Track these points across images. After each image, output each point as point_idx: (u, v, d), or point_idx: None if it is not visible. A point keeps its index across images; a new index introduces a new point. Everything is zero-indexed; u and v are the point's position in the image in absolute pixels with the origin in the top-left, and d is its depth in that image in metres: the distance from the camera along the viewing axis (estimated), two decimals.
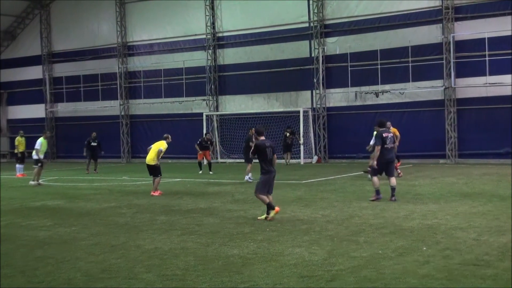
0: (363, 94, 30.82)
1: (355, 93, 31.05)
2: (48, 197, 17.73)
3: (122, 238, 10.46)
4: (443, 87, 28.81)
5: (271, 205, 12.08)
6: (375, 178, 14.84)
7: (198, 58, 35.37)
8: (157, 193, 17.39)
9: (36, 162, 22.59)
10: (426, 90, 29.31)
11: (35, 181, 22.11)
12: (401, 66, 29.71)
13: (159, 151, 17.74)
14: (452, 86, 28.47)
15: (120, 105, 38.24)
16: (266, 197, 12.15)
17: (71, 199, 17.12)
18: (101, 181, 23.23)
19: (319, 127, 32.01)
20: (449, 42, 28.32)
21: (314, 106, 32.23)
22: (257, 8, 33.52)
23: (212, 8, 34.94)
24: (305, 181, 20.77)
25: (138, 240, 10.22)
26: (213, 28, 34.98)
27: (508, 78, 27.14)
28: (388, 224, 11.14)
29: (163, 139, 18.10)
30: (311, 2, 31.90)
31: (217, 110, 35.21)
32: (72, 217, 13.31)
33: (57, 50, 41.01)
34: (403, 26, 29.78)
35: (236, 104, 34.71)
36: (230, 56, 34.87)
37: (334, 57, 31.62)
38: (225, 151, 34.32)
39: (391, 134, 15.17)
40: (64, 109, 40.80)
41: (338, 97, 31.77)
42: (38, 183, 22.07)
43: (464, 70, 28.31)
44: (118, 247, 9.67)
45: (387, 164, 14.85)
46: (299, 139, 31.27)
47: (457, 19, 28.58)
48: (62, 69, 40.68)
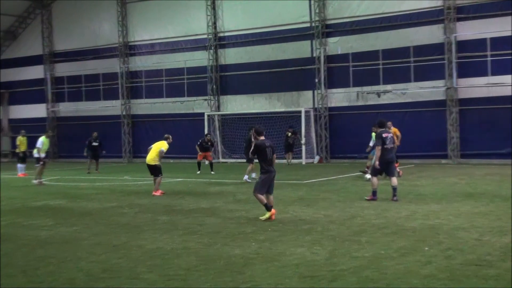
0: (365, 94, 30.80)
1: (357, 93, 31.04)
2: (50, 197, 17.74)
3: (124, 238, 10.45)
4: (445, 87, 28.79)
5: (268, 206, 12.06)
6: (375, 179, 14.85)
7: (200, 58, 35.36)
8: (159, 193, 17.39)
9: (38, 161, 22.62)
10: (428, 90, 29.28)
11: (37, 180, 22.13)
12: (403, 66, 29.67)
13: (161, 152, 17.73)
14: (454, 86, 28.44)
15: (122, 105, 38.23)
16: (264, 198, 12.12)
17: (73, 199, 17.12)
18: (103, 181, 23.23)
19: (321, 127, 32.00)
20: (451, 42, 28.30)
21: (316, 106, 32.22)
22: (259, 8, 33.50)
23: (214, 8, 34.93)
24: (307, 181, 20.75)
25: (140, 240, 10.21)
26: (215, 28, 34.97)
27: (510, 79, 27.07)
28: (390, 224, 11.12)
29: (164, 139, 18.12)
30: (313, 2, 31.87)
31: (219, 110, 35.20)
32: (74, 217, 13.32)
33: (59, 50, 41.02)
34: (405, 26, 29.73)
35: (238, 104, 34.70)
36: (232, 56, 34.86)
37: (336, 57, 31.59)
38: (227, 151, 34.31)
39: (391, 134, 15.17)
40: (66, 109, 40.84)
41: (340, 97, 31.74)
42: (41, 182, 22.07)
43: (466, 70, 28.27)
44: (120, 247, 9.66)
45: (387, 164, 14.86)
46: (301, 139, 31.25)
47: (459, 19, 28.53)
48: (64, 69, 40.72)
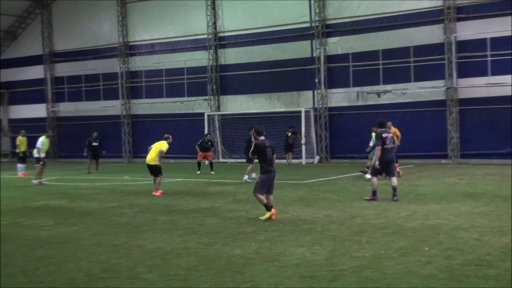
0: (365, 94, 30.80)
1: (357, 93, 31.04)
2: (50, 197, 17.73)
3: (124, 238, 10.45)
4: (445, 87, 28.78)
5: (268, 206, 12.05)
6: (375, 179, 14.86)
7: (200, 58, 35.36)
8: (159, 193, 17.39)
9: (38, 161, 22.62)
10: (428, 90, 29.27)
11: (37, 180, 22.12)
12: (403, 66, 29.67)
13: (161, 152, 17.72)
14: (454, 86, 28.43)
15: (122, 105, 38.23)
16: (264, 198, 12.11)
17: (73, 199, 17.12)
18: (103, 181, 23.23)
19: (321, 127, 32.00)
20: (451, 42, 28.29)
21: (316, 106, 32.22)
22: (258, 8, 33.49)
23: (214, 8, 34.93)
24: (307, 181, 20.75)
25: (140, 240, 10.21)
26: (215, 28, 34.96)
27: (510, 79, 27.05)
28: (390, 224, 11.12)
29: (164, 139, 18.11)
30: (312, 2, 31.86)
31: (219, 110, 35.20)
32: (74, 217, 13.31)
33: (59, 50, 41.02)
34: (405, 26, 29.72)
35: (238, 104, 34.69)
36: (232, 56, 34.86)
37: (336, 57, 31.59)
38: (227, 151, 34.30)
39: (391, 134, 15.20)
40: (66, 109, 40.84)
41: (340, 97, 31.74)
42: (41, 182, 22.07)
43: (466, 70, 28.27)
44: (120, 247, 9.66)
45: (387, 164, 14.87)
46: (301, 139, 31.24)
47: (459, 19, 28.53)
48: (64, 69, 40.73)
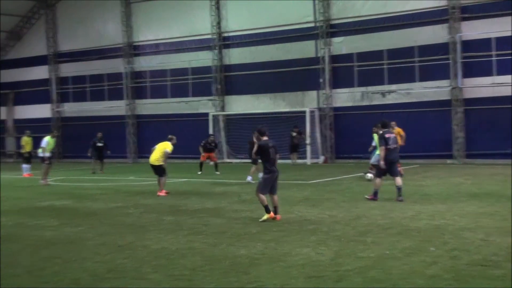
0: (370, 94, 30.76)
1: (362, 93, 31.02)
2: (55, 197, 17.75)
3: (129, 238, 10.45)
4: (450, 87, 28.72)
5: (267, 209, 12.00)
6: (378, 180, 14.85)
7: (204, 58, 35.36)
8: (163, 193, 17.39)
9: (43, 160, 22.65)
10: (433, 90, 29.21)
11: (44, 180, 22.13)
12: (408, 66, 29.63)
13: (166, 153, 17.69)
14: (459, 86, 28.37)
15: (126, 105, 38.28)
16: (265, 199, 12.02)
17: (78, 199, 17.14)
18: (108, 181, 23.25)
19: (326, 127, 31.97)
20: (456, 42, 28.23)
21: (321, 106, 32.18)
22: (263, 8, 33.47)
23: (218, 8, 34.92)
24: (312, 181, 20.74)
25: (145, 240, 10.21)
26: (219, 28, 34.97)
27: None
28: (396, 225, 11.11)
29: (168, 140, 18.07)
30: (317, 2, 31.81)
31: (223, 110, 35.19)
32: (79, 217, 13.33)
33: (63, 50, 41.08)
34: (409, 26, 29.67)
35: (242, 104, 34.67)
36: (236, 56, 34.85)
37: (340, 57, 31.57)
38: (232, 151, 34.29)
39: (394, 135, 15.24)
40: (70, 109, 40.91)
41: (345, 97, 31.70)
42: (47, 182, 22.07)
43: (471, 70, 28.21)
44: (125, 247, 9.67)
45: (391, 165, 14.88)
46: (306, 139, 31.21)
47: (464, 19, 28.46)
48: (68, 69, 40.81)
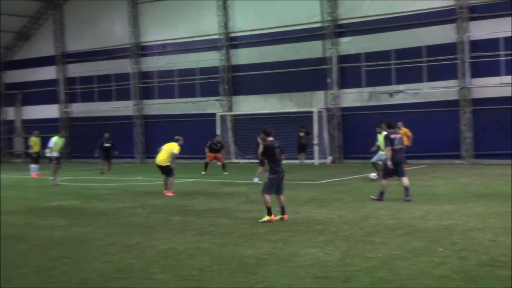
0: (377, 94, 30.68)
1: (369, 93, 30.95)
2: (63, 197, 17.81)
3: (137, 238, 10.48)
4: (458, 87, 28.60)
5: (270, 211, 11.94)
6: (385, 181, 14.84)
7: (212, 58, 35.37)
8: (170, 193, 17.40)
9: (50, 160, 22.74)
10: (441, 90, 29.10)
11: (53, 179, 22.20)
12: (415, 66, 29.53)
13: (173, 154, 17.66)
14: (467, 86, 28.27)
15: (134, 106, 38.35)
16: (270, 200, 11.98)
17: (86, 199, 17.20)
18: (116, 181, 23.30)
19: (334, 127, 31.91)
20: (464, 42, 28.12)
21: (328, 106, 32.14)
22: (270, 8, 33.44)
23: (225, 8, 34.92)
24: (320, 182, 20.71)
25: (153, 240, 10.23)
26: (226, 28, 34.97)
27: None
28: (404, 225, 11.08)
29: (175, 141, 18.05)
30: (324, 2, 31.76)
31: (231, 111, 35.19)
32: (87, 217, 13.37)
33: (71, 51, 41.16)
34: (417, 26, 29.56)
35: (250, 105, 34.64)
36: (244, 56, 34.84)
37: (348, 57, 31.52)
38: (239, 152, 34.29)
39: (399, 135, 15.23)
40: (78, 110, 41.02)
41: (352, 97, 31.63)
42: (56, 182, 22.11)
43: (479, 70, 28.10)
44: (133, 247, 9.69)
45: (397, 165, 14.86)
46: (313, 139, 31.17)
47: (472, 19, 28.35)
48: (76, 70, 40.90)
